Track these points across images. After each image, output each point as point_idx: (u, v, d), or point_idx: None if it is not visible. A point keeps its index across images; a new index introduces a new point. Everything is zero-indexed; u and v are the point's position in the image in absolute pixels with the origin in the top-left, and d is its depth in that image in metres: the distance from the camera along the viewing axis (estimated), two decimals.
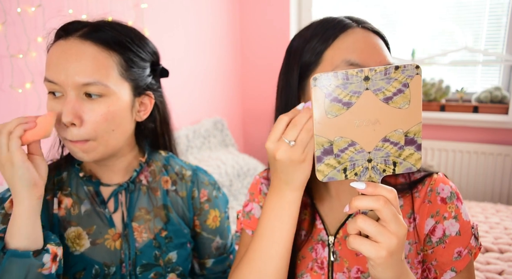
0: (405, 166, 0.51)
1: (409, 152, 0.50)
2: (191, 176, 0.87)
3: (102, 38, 0.69)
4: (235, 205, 2.24)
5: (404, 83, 0.48)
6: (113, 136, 0.72)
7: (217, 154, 2.38)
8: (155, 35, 2.07)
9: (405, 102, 0.48)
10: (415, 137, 0.50)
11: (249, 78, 2.95)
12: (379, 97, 0.48)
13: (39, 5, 1.50)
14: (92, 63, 0.67)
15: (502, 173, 2.30)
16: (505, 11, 2.26)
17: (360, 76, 0.47)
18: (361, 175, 0.51)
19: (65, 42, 0.69)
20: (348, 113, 0.49)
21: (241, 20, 2.86)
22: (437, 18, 2.44)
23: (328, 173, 0.51)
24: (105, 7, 1.76)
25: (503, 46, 2.30)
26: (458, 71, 2.53)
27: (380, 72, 0.47)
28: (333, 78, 0.47)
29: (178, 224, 0.83)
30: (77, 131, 0.68)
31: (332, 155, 0.50)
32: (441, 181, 0.68)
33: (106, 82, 0.68)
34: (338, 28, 0.64)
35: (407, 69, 0.47)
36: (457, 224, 0.65)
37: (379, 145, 0.50)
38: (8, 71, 1.44)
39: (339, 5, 2.71)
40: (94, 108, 0.68)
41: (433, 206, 0.66)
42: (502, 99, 2.30)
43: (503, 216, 1.86)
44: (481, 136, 2.35)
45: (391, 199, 0.49)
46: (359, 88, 0.48)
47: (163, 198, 0.83)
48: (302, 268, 0.71)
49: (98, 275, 0.75)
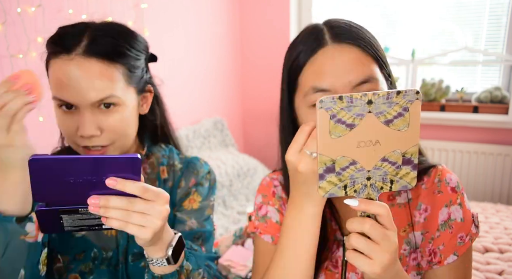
0: (401, 184, 0.54)
1: (406, 171, 0.54)
2: (181, 168, 0.90)
3: (105, 53, 0.71)
4: (235, 205, 2.24)
5: (404, 108, 0.50)
6: (128, 138, 0.77)
7: (217, 154, 2.38)
8: (155, 35, 2.07)
9: (404, 125, 0.51)
10: (412, 157, 0.53)
11: (249, 78, 2.95)
12: (380, 120, 0.51)
13: (39, 5, 1.50)
14: (101, 80, 0.70)
15: (502, 173, 2.30)
16: (505, 11, 2.26)
17: (363, 100, 0.50)
18: (360, 192, 0.54)
19: (70, 61, 0.69)
20: (351, 134, 0.51)
21: (241, 20, 2.86)
22: (437, 18, 2.44)
23: (329, 189, 0.54)
24: (105, 7, 1.76)
25: (503, 46, 2.30)
26: (458, 71, 2.53)
27: (382, 97, 0.50)
28: (338, 101, 0.50)
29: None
30: (98, 139, 0.72)
31: (334, 172, 0.53)
32: (447, 172, 0.71)
33: (116, 94, 0.72)
34: (310, 49, 0.64)
35: (408, 94, 0.50)
36: (461, 211, 0.68)
37: (378, 164, 0.53)
38: (8, 71, 1.44)
39: (339, 5, 2.71)
40: (110, 118, 0.73)
41: (445, 195, 0.68)
42: (502, 99, 2.30)
43: (503, 216, 1.86)
44: (481, 136, 2.35)
45: (382, 214, 0.51)
46: (363, 111, 0.50)
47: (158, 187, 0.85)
48: (318, 270, 0.71)
49: (97, 258, 0.79)
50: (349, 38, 0.63)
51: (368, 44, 0.63)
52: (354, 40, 0.62)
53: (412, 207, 0.70)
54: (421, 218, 0.69)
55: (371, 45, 0.63)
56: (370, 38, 0.65)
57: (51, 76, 0.72)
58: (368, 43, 0.63)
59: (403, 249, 0.69)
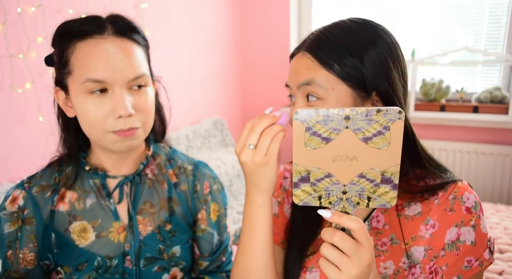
0: (379, 202, 0.53)
1: (384, 190, 0.52)
2: (192, 170, 0.89)
3: (132, 34, 0.74)
4: (235, 205, 2.24)
5: (385, 126, 0.49)
6: (151, 122, 0.78)
7: (217, 154, 2.38)
8: (155, 35, 2.07)
9: (384, 144, 0.50)
10: (392, 177, 0.51)
11: (249, 78, 2.95)
12: (358, 137, 0.50)
13: (39, 5, 1.50)
14: (135, 59, 0.72)
15: (502, 173, 2.30)
16: (505, 11, 2.26)
17: (341, 115, 0.49)
18: (335, 204, 0.54)
19: (104, 39, 0.70)
20: (326, 147, 0.51)
21: (241, 20, 2.86)
22: (437, 18, 2.44)
23: (303, 198, 0.54)
24: (105, 7, 1.76)
25: (503, 46, 2.30)
26: (458, 71, 2.53)
27: (361, 113, 0.49)
28: (314, 114, 0.50)
29: (183, 218, 0.85)
30: (133, 119, 0.72)
31: (308, 182, 0.53)
32: (466, 189, 0.66)
33: (148, 73, 0.74)
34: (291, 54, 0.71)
35: (389, 113, 0.48)
36: (473, 234, 0.64)
37: (355, 179, 0.52)
38: (8, 71, 1.44)
39: (339, 5, 2.71)
40: (142, 98, 0.73)
41: (457, 215, 0.64)
42: (502, 99, 2.30)
43: (503, 216, 1.86)
44: (481, 136, 2.35)
45: (355, 229, 0.50)
46: (339, 126, 0.50)
47: (169, 191, 0.85)
48: (312, 262, 0.73)
49: (100, 267, 0.76)
50: (306, 47, 0.67)
51: (323, 51, 0.65)
52: (310, 49, 0.66)
53: (419, 220, 0.67)
54: (426, 233, 0.66)
55: (327, 52, 0.64)
56: (335, 48, 0.64)
57: (79, 59, 0.70)
58: (323, 50, 0.65)
59: (403, 262, 0.67)
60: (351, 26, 0.66)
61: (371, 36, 0.65)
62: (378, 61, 0.64)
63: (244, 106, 3.02)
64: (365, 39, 0.64)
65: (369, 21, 0.67)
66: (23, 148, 1.49)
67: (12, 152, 1.48)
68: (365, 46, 0.64)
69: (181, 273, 0.82)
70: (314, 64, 0.64)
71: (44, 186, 0.79)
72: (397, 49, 0.66)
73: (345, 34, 0.65)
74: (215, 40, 2.63)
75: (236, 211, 2.18)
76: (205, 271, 0.88)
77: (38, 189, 0.79)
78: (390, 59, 0.65)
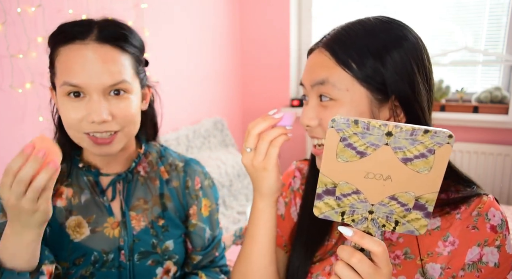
0: (407, 228, 0.49)
1: (416, 216, 0.48)
2: (183, 166, 0.90)
3: (116, 40, 0.74)
4: (235, 205, 2.24)
5: (429, 149, 0.44)
6: (135, 127, 0.78)
7: (217, 154, 2.38)
8: (155, 35, 2.07)
9: (425, 168, 0.45)
10: (427, 204, 0.47)
11: (249, 78, 2.95)
12: (397, 156, 0.45)
13: (39, 5, 1.50)
14: (114, 66, 0.72)
15: (502, 173, 2.30)
16: (505, 11, 2.25)
17: (382, 130, 0.44)
18: (358, 222, 0.50)
19: (85, 45, 0.71)
20: (360, 162, 0.46)
21: (241, 20, 2.86)
22: (437, 18, 2.44)
23: (325, 211, 0.51)
24: (105, 7, 1.76)
25: (503, 46, 2.30)
26: (458, 71, 2.53)
27: (405, 131, 0.44)
28: (352, 124, 0.45)
29: (175, 214, 0.86)
30: (109, 125, 0.72)
31: (333, 196, 0.49)
32: (492, 205, 0.60)
33: (128, 80, 0.74)
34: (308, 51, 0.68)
35: (437, 135, 0.43)
36: (498, 255, 0.58)
37: (385, 200, 0.48)
38: (8, 71, 1.44)
39: (339, 5, 2.71)
40: (121, 104, 0.73)
41: (480, 233, 0.59)
42: (502, 99, 2.30)
43: None
44: (481, 136, 2.35)
45: (377, 253, 0.47)
46: (378, 142, 0.45)
47: (161, 187, 0.87)
48: (319, 269, 0.70)
49: (97, 261, 0.78)
50: (323, 43, 0.64)
51: (342, 50, 0.61)
52: (328, 45, 0.63)
53: (437, 236, 0.62)
54: (444, 251, 0.61)
55: (336, 50, 0.61)
56: (350, 44, 0.61)
57: (61, 62, 0.72)
58: (342, 48, 0.61)
59: (416, 278, 0.62)
60: (375, 24, 0.62)
61: (396, 37, 0.60)
62: (402, 64, 0.59)
63: (244, 106, 3.02)
64: (389, 40, 0.60)
65: (395, 21, 0.63)
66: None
67: (12, 151, 1.47)
68: (388, 47, 0.59)
69: (174, 266, 0.84)
70: (331, 62, 0.61)
71: None
72: (422, 52, 0.62)
73: (368, 32, 0.61)
74: (215, 40, 2.63)
75: (236, 211, 2.17)
76: (198, 266, 0.90)
77: None
78: (414, 63, 0.60)
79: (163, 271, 0.83)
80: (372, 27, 0.61)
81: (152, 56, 0.86)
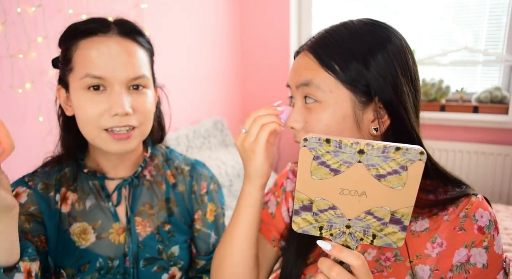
0: (385, 241, 0.50)
1: (392, 230, 0.49)
2: (189, 170, 0.89)
3: (136, 35, 0.75)
4: (235, 205, 2.24)
5: (402, 166, 0.45)
6: (150, 124, 0.78)
7: (217, 154, 2.38)
8: (155, 35, 2.07)
9: (399, 184, 0.46)
10: (402, 218, 0.48)
11: (249, 78, 2.95)
12: (371, 173, 0.46)
13: (39, 5, 1.50)
14: (137, 59, 0.73)
15: (502, 173, 2.30)
16: (505, 11, 2.25)
17: (354, 148, 0.45)
18: (336, 236, 0.50)
19: (108, 38, 0.72)
20: (334, 179, 0.47)
21: (241, 20, 2.86)
22: (437, 18, 2.44)
23: (303, 226, 0.51)
24: (105, 7, 1.76)
25: (503, 46, 2.30)
26: (458, 71, 2.53)
27: (377, 149, 0.44)
28: (324, 143, 0.45)
29: (181, 219, 0.85)
30: (130, 118, 0.72)
31: (310, 212, 0.50)
32: (480, 205, 0.60)
33: (148, 75, 0.75)
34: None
35: (409, 152, 0.44)
36: (486, 256, 0.58)
37: (361, 215, 0.49)
38: (8, 71, 1.44)
39: (339, 5, 2.71)
40: (141, 98, 0.74)
41: (467, 234, 0.59)
42: (502, 99, 2.30)
43: (503, 216, 1.86)
44: (481, 136, 2.35)
45: (356, 266, 0.47)
46: (351, 159, 0.45)
47: (167, 192, 0.85)
48: (312, 270, 0.71)
49: (102, 268, 0.77)
50: (307, 46, 0.66)
51: (326, 53, 0.62)
52: (312, 48, 0.64)
53: (426, 237, 0.62)
54: (433, 252, 0.61)
55: (329, 54, 0.61)
56: (335, 47, 0.61)
57: (82, 55, 0.71)
58: (326, 52, 0.62)
59: None
60: (359, 27, 0.62)
61: (379, 40, 0.61)
62: (385, 66, 0.60)
63: (244, 106, 3.02)
64: (373, 43, 0.60)
65: (379, 23, 0.63)
66: (23, 148, 1.49)
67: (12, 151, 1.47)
68: (372, 51, 0.60)
69: (179, 272, 0.83)
70: (314, 64, 0.62)
71: (47, 184, 0.79)
72: (407, 53, 0.62)
73: (352, 35, 0.61)
74: (215, 40, 2.63)
75: None
76: (202, 270, 0.89)
77: (43, 187, 0.79)
78: (398, 65, 0.60)
79: (168, 277, 0.81)
80: (356, 30, 0.62)
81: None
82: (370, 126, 0.63)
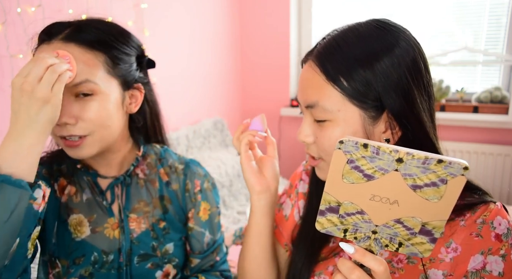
0: (411, 250, 0.48)
1: (421, 240, 0.47)
2: (183, 169, 0.89)
3: (85, 39, 0.71)
4: (235, 205, 2.24)
5: (442, 179, 0.43)
6: (108, 130, 0.75)
7: (217, 154, 2.38)
8: (155, 35, 2.07)
9: (435, 197, 0.44)
10: (434, 230, 0.46)
11: (249, 78, 2.95)
12: (407, 182, 0.44)
13: (39, 5, 1.50)
14: (77, 64, 0.69)
15: (502, 173, 2.30)
16: (505, 11, 2.25)
17: (393, 155, 0.43)
18: (360, 240, 0.49)
19: (48, 46, 0.71)
20: (366, 185, 0.45)
21: (241, 20, 2.86)
22: (437, 18, 2.44)
23: (327, 227, 0.50)
24: (105, 7, 1.76)
25: (503, 46, 2.30)
26: (458, 71, 2.53)
27: (417, 159, 0.42)
28: (361, 147, 0.43)
29: (175, 216, 0.86)
30: (73, 128, 0.70)
31: (336, 214, 0.49)
32: (499, 213, 0.58)
33: (93, 80, 0.71)
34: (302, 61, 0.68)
35: (451, 166, 0.41)
36: (502, 264, 0.56)
37: (390, 223, 0.47)
38: (8, 71, 1.44)
39: (339, 5, 2.71)
40: (86, 106, 0.71)
41: (484, 241, 0.57)
42: (502, 99, 2.30)
43: None
44: (481, 136, 2.35)
45: (377, 272, 0.46)
46: (388, 167, 0.43)
47: (160, 189, 0.86)
48: (321, 268, 0.70)
49: (97, 261, 0.78)
50: (316, 57, 0.61)
51: (332, 64, 0.58)
52: (318, 58, 0.60)
53: (440, 242, 0.60)
54: (447, 257, 0.59)
55: (335, 65, 0.58)
56: (348, 62, 0.57)
57: None
58: (332, 62, 0.58)
59: None
60: (366, 30, 0.59)
61: (387, 43, 0.57)
62: (392, 73, 0.56)
63: (244, 107, 3.02)
64: (379, 46, 0.57)
65: (389, 25, 0.60)
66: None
67: None
68: (377, 55, 0.56)
69: (174, 270, 0.84)
70: (321, 80, 0.59)
71: (49, 172, 0.81)
72: (416, 57, 0.59)
73: (358, 40, 0.58)
74: (215, 40, 2.63)
75: (236, 211, 2.17)
76: (198, 269, 0.89)
77: (46, 172, 0.80)
78: (408, 72, 0.57)
79: (162, 274, 0.82)
80: (362, 34, 0.59)
81: (152, 56, 0.86)
82: (381, 137, 0.61)
